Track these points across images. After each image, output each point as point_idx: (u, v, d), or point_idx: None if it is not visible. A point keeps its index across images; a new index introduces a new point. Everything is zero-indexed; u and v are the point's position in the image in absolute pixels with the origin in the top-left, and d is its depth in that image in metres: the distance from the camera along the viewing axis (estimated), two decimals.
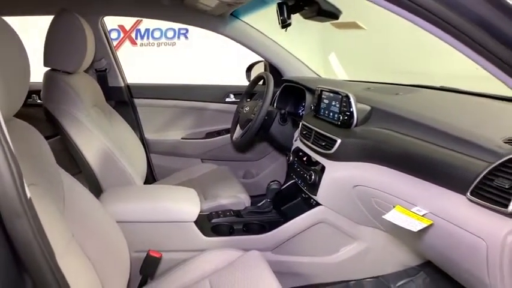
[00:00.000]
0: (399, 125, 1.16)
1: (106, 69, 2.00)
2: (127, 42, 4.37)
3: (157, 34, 4.46)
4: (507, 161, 0.78)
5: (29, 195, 0.43)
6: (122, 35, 4.31)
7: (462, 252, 0.88)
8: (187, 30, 4.40)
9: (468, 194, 0.83)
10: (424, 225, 0.89)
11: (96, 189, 1.52)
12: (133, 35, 4.40)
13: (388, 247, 1.49)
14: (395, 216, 0.96)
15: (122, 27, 4.30)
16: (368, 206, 1.25)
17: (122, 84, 2.09)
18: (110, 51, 2.00)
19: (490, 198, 0.78)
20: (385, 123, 1.23)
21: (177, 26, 4.30)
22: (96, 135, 1.47)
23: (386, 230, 1.36)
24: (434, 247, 1.01)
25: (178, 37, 4.49)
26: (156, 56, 4.40)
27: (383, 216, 0.99)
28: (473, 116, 1.15)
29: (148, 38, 4.47)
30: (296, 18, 1.40)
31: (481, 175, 0.81)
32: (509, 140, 0.87)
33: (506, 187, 0.75)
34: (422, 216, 0.93)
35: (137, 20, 4.27)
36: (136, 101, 2.15)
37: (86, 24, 1.52)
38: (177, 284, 1.19)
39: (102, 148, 1.48)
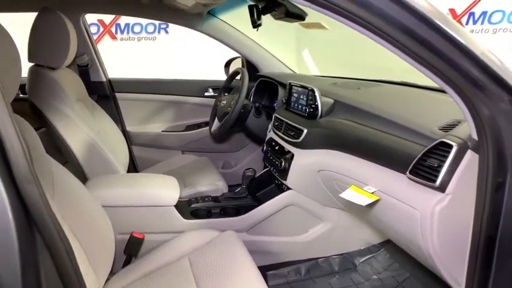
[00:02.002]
0: (357, 116, 1.31)
1: (88, 64, 2.07)
2: (106, 37, 4.36)
3: (137, 29, 4.45)
4: (437, 144, 0.93)
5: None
6: (101, 29, 4.29)
7: (403, 221, 1.03)
8: (167, 25, 4.40)
9: (407, 173, 0.98)
10: (372, 200, 1.04)
11: (82, 179, 1.60)
12: (113, 29, 4.40)
13: (351, 227, 1.65)
14: (350, 195, 1.11)
15: (101, 21, 4.28)
16: (331, 188, 1.40)
17: (104, 79, 2.17)
18: (91, 47, 2.07)
19: (423, 175, 0.94)
20: (345, 115, 1.37)
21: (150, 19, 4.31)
22: (81, 128, 1.56)
23: (349, 209, 1.52)
24: (383, 219, 1.17)
25: (159, 32, 4.49)
26: (137, 50, 4.40)
27: (340, 195, 1.14)
28: (418, 107, 1.31)
29: (128, 32, 4.46)
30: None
31: (417, 157, 0.96)
32: (443, 127, 1.03)
33: (435, 165, 0.91)
34: (372, 193, 1.08)
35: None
36: (118, 95, 2.23)
37: (68, 22, 1.60)
38: (159, 262, 1.30)
39: (87, 140, 1.57)
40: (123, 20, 4.33)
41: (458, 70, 0.74)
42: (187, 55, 4.20)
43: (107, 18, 4.28)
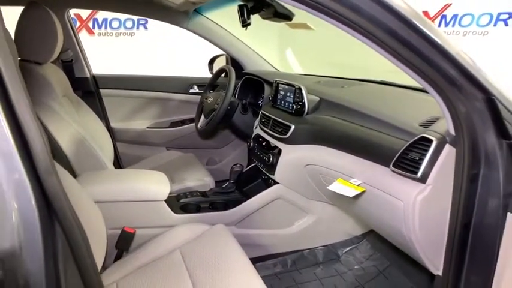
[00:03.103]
0: (342, 113, 1.38)
1: (72, 60, 2.05)
2: (83, 32, 4.26)
3: (115, 24, 4.37)
4: (418, 139, 1.01)
5: None
6: (78, 24, 4.20)
7: (387, 211, 1.11)
8: (146, 21, 4.34)
9: (391, 166, 1.06)
10: (358, 191, 1.11)
11: (71, 174, 1.60)
12: (90, 24, 4.31)
13: (335, 219, 1.73)
14: (337, 187, 1.17)
15: (78, 15, 4.18)
16: (317, 182, 1.47)
17: (88, 75, 2.15)
18: (75, 43, 2.05)
19: (406, 168, 1.01)
20: (331, 112, 1.44)
21: (136, 16, 4.25)
22: (69, 123, 1.56)
23: (333, 202, 1.59)
24: (368, 210, 1.25)
25: (138, 27, 4.43)
26: (115, 46, 4.33)
27: (327, 187, 1.21)
28: (400, 104, 1.40)
29: (106, 27, 4.38)
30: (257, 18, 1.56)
31: (400, 151, 1.04)
32: (423, 123, 1.11)
33: (417, 159, 0.99)
34: (358, 185, 1.15)
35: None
36: (103, 91, 2.22)
37: (54, 16, 1.58)
38: (151, 255, 1.32)
39: (75, 135, 1.57)
40: (101, 14, 4.25)
41: (438, 70, 0.82)
42: (166, 52, 4.17)
43: (84, 12, 4.18)
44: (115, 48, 4.30)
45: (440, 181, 0.97)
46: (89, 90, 2.16)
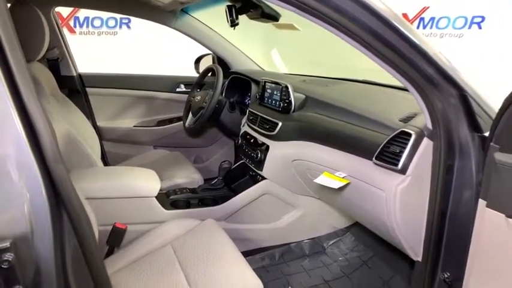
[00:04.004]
0: (327, 110, 1.44)
1: (58, 58, 2.04)
2: (64, 31, 4.18)
3: (97, 23, 4.31)
4: (398, 133, 1.08)
5: None
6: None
7: (370, 201, 1.18)
8: (129, 20, 4.30)
9: (374, 159, 1.12)
10: (343, 183, 1.18)
11: None
12: (71, 22, 4.25)
13: (321, 213, 1.79)
14: (323, 180, 1.23)
15: (58, 13, 4.09)
16: (304, 177, 1.53)
17: (74, 74, 2.14)
18: (61, 41, 2.04)
19: (387, 160, 1.08)
20: (317, 109, 1.50)
21: (119, 15, 4.21)
22: (59, 121, 1.56)
23: (319, 196, 1.66)
24: (353, 201, 1.31)
25: (120, 26, 4.39)
26: (97, 45, 4.27)
27: (314, 180, 1.26)
28: (381, 102, 1.47)
29: (88, 26, 4.32)
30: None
31: (382, 144, 1.10)
32: (403, 118, 1.18)
33: (397, 151, 1.05)
34: (343, 178, 1.21)
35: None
36: (89, 89, 2.22)
37: (40, 14, 1.58)
38: (142, 251, 1.34)
39: (65, 133, 1.57)
40: (83, 13, 4.19)
41: (417, 69, 0.88)
42: (150, 51, 4.15)
43: (65, 10, 4.12)
44: (97, 47, 4.24)
45: (418, 172, 1.04)
46: (75, 89, 2.15)
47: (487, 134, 0.90)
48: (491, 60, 3.53)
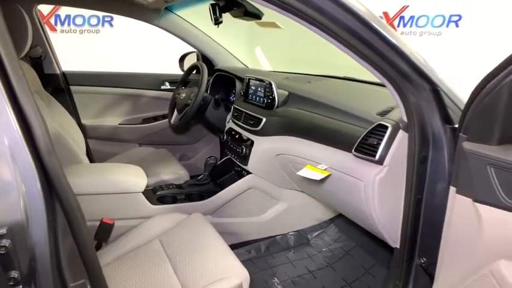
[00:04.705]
0: (309, 106, 1.49)
1: (41, 56, 2.03)
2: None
3: (79, 21, 4.24)
4: (376, 126, 1.13)
5: None
6: None
7: (350, 191, 1.23)
8: (112, 18, 4.25)
9: (353, 151, 1.18)
10: (324, 175, 1.23)
11: None
12: (52, 20, 4.18)
13: (305, 206, 1.85)
14: (306, 172, 1.28)
15: (39, 11, 4.04)
16: (287, 170, 1.57)
17: (58, 72, 2.13)
18: (44, 39, 2.03)
19: (366, 152, 1.14)
20: (299, 105, 1.55)
21: (101, 13, 4.17)
22: (45, 119, 1.56)
23: (302, 189, 1.71)
24: (334, 192, 1.37)
25: (103, 24, 4.34)
26: (79, 43, 4.21)
27: (297, 173, 1.31)
28: (360, 97, 1.53)
29: (69, 24, 4.25)
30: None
31: (361, 137, 1.16)
32: (380, 112, 1.24)
33: (375, 143, 1.11)
34: (324, 170, 1.26)
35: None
36: (73, 88, 2.21)
37: (23, 12, 1.58)
38: (130, 245, 1.36)
39: (52, 131, 1.57)
40: (64, 10, 4.13)
41: (393, 66, 0.94)
42: (133, 49, 4.11)
43: (46, 8, 4.05)
44: (79, 45, 4.18)
45: (395, 163, 1.10)
46: (59, 87, 2.14)
47: (457, 125, 0.96)
48: (467, 56, 3.66)
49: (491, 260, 0.83)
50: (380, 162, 1.10)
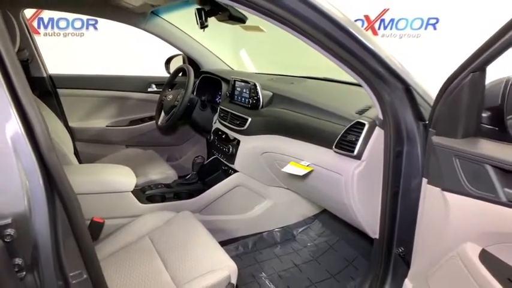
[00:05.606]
0: (292, 106, 1.56)
1: (28, 59, 2.04)
2: None
3: (63, 24, 4.21)
4: (354, 124, 1.21)
5: None
6: None
7: (331, 185, 1.30)
8: (96, 21, 4.23)
9: (333, 147, 1.25)
10: (307, 171, 1.30)
11: None
12: (35, 23, 4.14)
13: (290, 203, 1.91)
14: (290, 169, 1.35)
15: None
16: (273, 168, 1.64)
17: (45, 75, 2.14)
18: (31, 42, 2.04)
19: (345, 148, 1.21)
20: (283, 105, 1.62)
21: (85, 16, 4.15)
22: None
23: (287, 186, 1.77)
24: (316, 187, 1.44)
25: (87, 28, 4.32)
26: (62, 47, 4.18)
27: (281, 169, 1.38)
28: (340, 97, 1.61)
29: (53, 27, 4.22)
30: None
31: (340, 134, 1.23)
32: (358, 111, 1.32)
33: (353, 140, 1.18)
34: (307, 166, 1.33)
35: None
36: (60, 91, 2.22)
37: (10, 16, 1.59)
38: (120, 243, 1.39)
39: None
40: (47, 14, 4.09)
41: (369, 68, 1.01)
42: (118, 52, 4.10)
43: (28, 11, 4.00)
44: (63, 49, 4.14)
45: (372, 157, 1.17)
46: (46, 90, 2.16)
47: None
48: (444, 57, 3.80)
49: (458, 243, 0.91)
50: (358, 157, 1.17)
